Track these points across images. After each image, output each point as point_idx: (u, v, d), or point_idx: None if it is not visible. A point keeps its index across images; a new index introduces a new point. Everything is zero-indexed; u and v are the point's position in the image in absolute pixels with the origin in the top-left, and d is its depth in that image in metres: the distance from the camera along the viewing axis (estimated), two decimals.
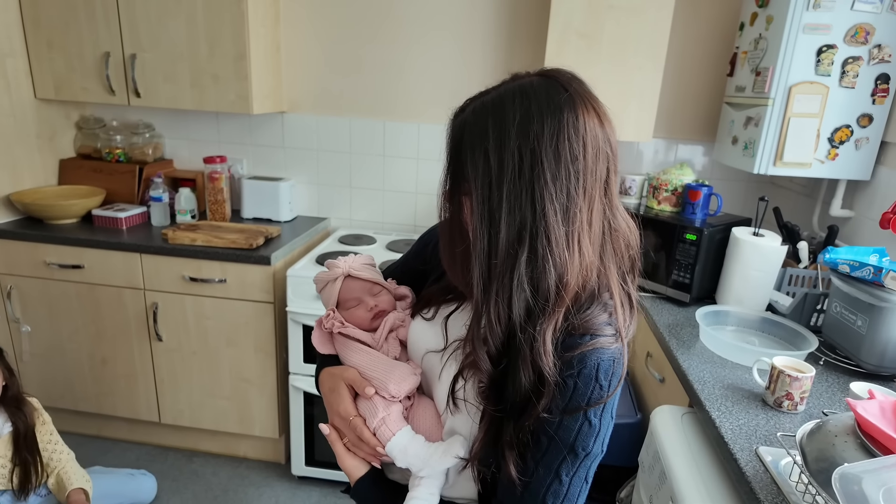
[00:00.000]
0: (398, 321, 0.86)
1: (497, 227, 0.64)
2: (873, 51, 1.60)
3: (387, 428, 0.75)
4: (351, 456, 0.79)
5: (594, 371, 0.66)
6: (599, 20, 1.89)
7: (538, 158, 0.62)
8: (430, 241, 0.93)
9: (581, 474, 0.69)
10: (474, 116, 0.67)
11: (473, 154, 0.65)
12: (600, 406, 0.67)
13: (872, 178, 1.70)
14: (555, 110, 0.63)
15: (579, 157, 0.63)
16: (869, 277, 1.35)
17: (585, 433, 0.67)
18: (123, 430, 2.40)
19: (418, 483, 0.75)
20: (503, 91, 0.66)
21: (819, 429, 0.95)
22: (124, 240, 2.08)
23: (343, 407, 0.78)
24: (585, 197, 0.65)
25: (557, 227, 0.63)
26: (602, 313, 0.69)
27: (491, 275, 0.65)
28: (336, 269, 0.90)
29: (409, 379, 0.78)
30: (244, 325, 2.10)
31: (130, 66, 2.13)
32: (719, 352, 1.45)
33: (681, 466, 1.15)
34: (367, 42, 2.33)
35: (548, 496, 0.68)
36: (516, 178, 0.63)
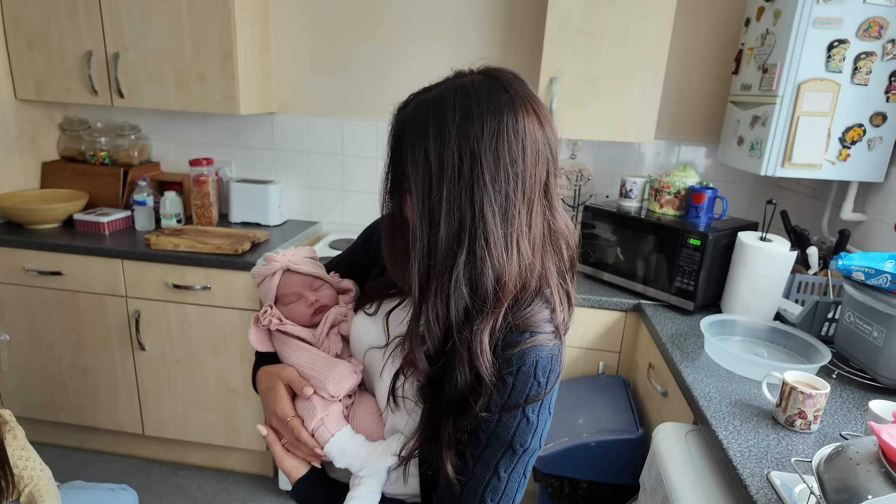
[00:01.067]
0: (340, 316, 0.83)
1: (436, 227, 0.63)
2: (887, 46, 1.52)
3: (325, 429, 0.74)
4: (290, 457, 0.78)
5: (532, 368, 0.66)
6: (600, 16, 1.81)
7: (477, 160, 0.62)
8: (375, 234, 0.90)
9: (519, 470, 0.69)
10: (415, 113, 0.66)
11: (414, 152, 0.64)
12: (538, 403, 0.67)
13: (886, 179, 1.62)
14: (495, 111, 0.62)
15: (518, 160, 0.63)
16: (886, 286, 1.27)
17: (524, 430, 0.67)
18: (106, 442, 2.32)
19: (359, 482, 0.73)
20: (444, 89, 0.66)
21: (838, 454, 0.87)
22: (105, 245, 2.00)
23: (280, 407, 0.76)
24: (524, 199, 0.64)
25: (496, 229, 0.63)
26: (542, 310, 0.69)
27: (430, 274, 0.65)
28: (274, 263, 0.86)
29: (348, 378, 0.76)
30: (230, 334, 2.02)
31: (113, 65, 2.06)
32: (726, 364, 1.36)
33: (686, 491, 1.06)
34: (359, 41, 2.25)
35: (486, 492, 0.69)
36: (455, 178, 0.62)
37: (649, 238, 1.77)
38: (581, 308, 1.78)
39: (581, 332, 1.84)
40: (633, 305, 1.79)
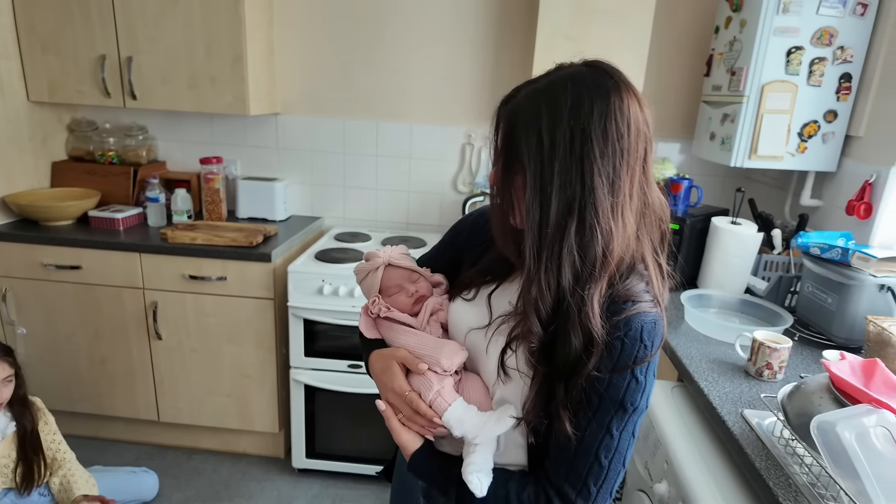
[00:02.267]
0: (437, 305, 0.91)
1: (549, 200, 0.70)
2: (837, 52, 1.73)
3: (442, 399, 0.79)
4: (406, 430, 0.84)
5: (639, 333, 0.72)
6: (586, 23, 1.99)
7: (588, 137, 0.68)
8: (464, 230, 0.99)
9: (629, 428, 0.75)
10: (527, 101, 0.73)
11: (527, 135, 0.71)
12: (645, 364, 0.73)
13: (838, 169, 1.84)
14: (603, 95, 0.69)
15: (624, 136, 0.70)
16: (838, 258, 1.48)
17: (633, 389, 0.73)
18: (121, 430, 2.41)
19: (473, 450, 0.79)
20: (554, 78, 0.72)
21: (798, 389, 1.06)
22: (123, 240, 2.11)
23: (398, 384, 0.82)
24: (628, 172, 0.71)
25: (604, 199, 0.69)
26: (640, 282, 0.76)
27: (542, 244, 0.71)
28: (377, 259, 0.95)
29: (459, 353, 0.83)
30: (245, 322, 2.14)
31: (127, 68, 2.17)
32: (704, 331, 1.56)
33: (674, 433, 1.24)
34: (359, 47, 2.40)
35: (601, 450, 0.73)
36: (567, 154, 0.69)
37: None
38: None
39: None
40: None
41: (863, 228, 1.66)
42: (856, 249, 1.44)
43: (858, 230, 1.67)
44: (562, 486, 0.75)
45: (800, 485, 0.95)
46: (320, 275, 2.03)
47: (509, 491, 0.77)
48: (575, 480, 0.75)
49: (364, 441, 2.20)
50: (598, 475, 0.74)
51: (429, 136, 2.47)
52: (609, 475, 0.75)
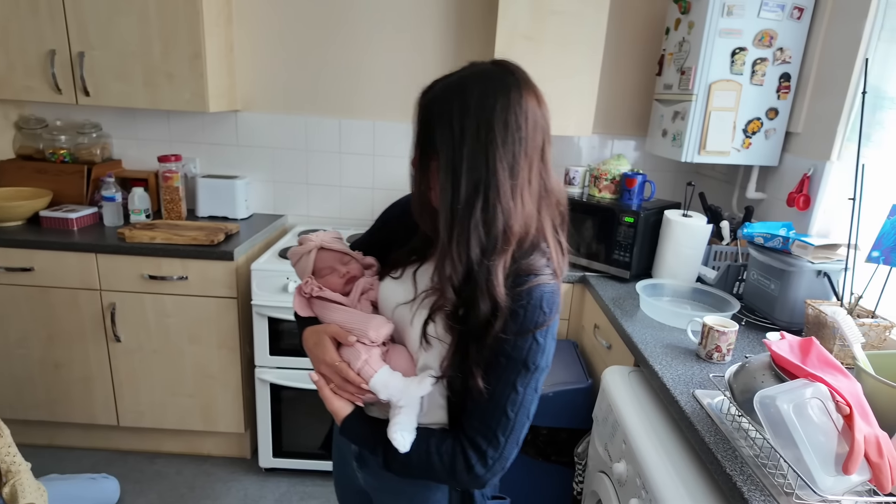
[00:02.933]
0: (368, 285, 0.99)
1: (459, 182, 0.79)
2: (777, 53, 1.84)
3: (369, 367, 0.87)
4: (337, 398, 0.92)
5: (539, 301, 0.82)
6: (543, 24, 2.05)
7: (491, 127, 0.78)
8: (393, 215, 1.07)
9: (532, 385, 0.85)
10: (441, 94, 0.82)
11: (441, 124, 0.80)
12: (545, 328, 0.83)
13: (780, 164, 1.95)
14: (505, 90, 0.79)
15: (522, 127, 0.80)
16: (779, 247, 1.57)
17: (535, 351, 0.83)
18: (78, 436, 2.34)
19: (398, 412, 0.87)
20: (465, 74, 0.82)
21: (743, 368, 1.13)
22: (78, 240, 2.05)
23: (329, 355, 0.90)
24: (526, 159, 0.81)
25: (505, 182, 0.80)
26: (541, 258, 0.86)
27: (453, 220, 0.81)
28: (310, 243, 1.01)
29: (385, 326, 0.91)
30: (207, 322, 2.12)
31: (79, 63, 2.10)
32: (658, 318, 1.63)
33: (631, 414, 1.30)
34: (320, 42, 2.39)
35: (507, 404, 0.83)
36: (474, 142, 0.79)
37: (591, 219, 2.03)
38: None
39: None
40: (578, 278, 2.04)
41: (802, 219, 1.77)
42: (795, 238, 1.54)
43: (798, 220, 1.79)
44: (475, 438, 0.84)
45: (745, 457, 1.02)
46: (284, 272, 2.02)
47: (430, 445, 0.86)
48: (486, 432, 0.84)
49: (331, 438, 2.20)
50: (505, 427, 0.84)
51: (392, 133, 2.49)
52: (515, 426, 0.84)
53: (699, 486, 1.07)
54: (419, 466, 0.87)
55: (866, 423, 0.92)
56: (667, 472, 1.11)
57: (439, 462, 0.85)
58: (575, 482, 1.69)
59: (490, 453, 0.84)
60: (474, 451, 0.84)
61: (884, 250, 1.31)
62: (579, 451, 1.66)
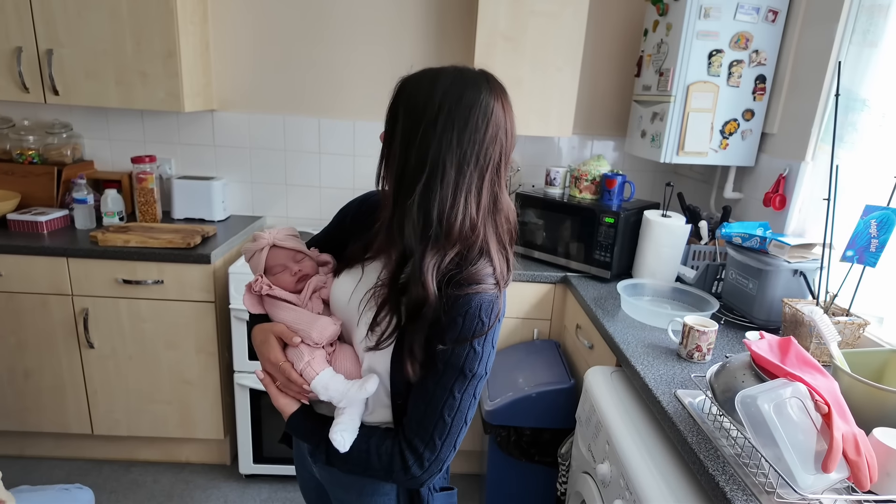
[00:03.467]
0: (320, 283, 0.99)
1: (409, 154, 0.82)
2: (752, 55, 1.87)
3: (311, 369, 0.89)
4: (283, 395, 0.94)
5: (477, 311, 0.83)
6: (523, 24, 2.05)
7: (451, 117, 0.80)
8: (350, 212, 1.08)
9: (470, 391, 0.86)
10: (417, 77, 0.85)
11: (408, 101, 0.83)
12: (483, 337, 0.84)
13: (756, 164, 1.98)
14: (475, 90, 0.82)
15: (480, 130, 0.81)
16: (757, 246, 1.60)
17: (472, 358, 0.84)
18: (49, 446, 2.28)
19: (341, 412, 0.89)
20: (447, 67, 0.86)
21: (723, 368, 1.14)
22: (48, 244, 1.98)
23: (273, 354, 0.92)
24: (476, 165, 0.82)
25: (449, 174, 0.81)
26: (486, 267, 0.87)
27: (399, 190, 0.84)
28: (262, 240, 1.01)
29: (329, 328, 0.92)
30: (184, 326, 2.07)
31: (47, 61, 2.04)
32: (639, 318, 1.64)
33: (614, 415, 1.31)
34: (299, 41, 2.36)
35: (444, 409, 0.85)
36: (431, 123, 0.80)
37: (572, 219, 2.03)
38: (516, 282, 2.02)
39: (517, 303, 2.07)
40: (560, 278, 2.05)
41: (778, 218, 1.81)
42: (772, 238, 1.57)
43: (775, 220, 1.82)
44: (412, 440, 0.87)
45: (727, 456, 1.03)
46: None
47: (370, 445, 0.89)
48: (423, 435, 0.86)
49: None
50: (442, 430, 0.86)
51: (373, 133, 2.47)
52: (451, 430, 0.87)
53: (682, 487, 1.08)
54: (358, 464, 0.90)
55: (844, 422, 0.93)
56: (650, 473, 1.12)
57: (377, 461, 0.88)
58: (559, 483, 1.69)
59: (427, 455, 0.86)
60: (411, 452, 0.87)
61: (857, 249, 1.34)
62: (563, 451, 1.67)
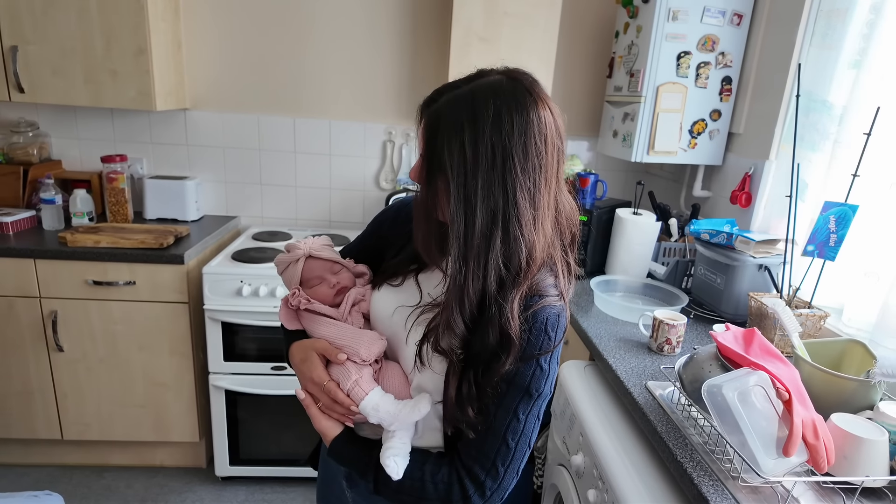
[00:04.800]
0: (359, 296, 0.93)
1: (473, 212, 0.72)
2: (719, 57, 1.92)
3: (360, 389, 0.82)
4: (326, 418, 0.86)
5: (543, 325, 0.78)
6: (497, 25, 2.07)
7: (509, 153, 0.71)
8: (386, 220, 1.01)
9: (534, 412, 0.80)
10: (449, 108, 0.73)
11: (450, 145, 0.72)
12: (549, 353, 0.79)
13: (724, 163, 2.04)
14: (522, 111, 0.71)
15: (542, 153, 0.73)
16: (724, 242, 1.65)
17: (538, 377, 0.78)
18: (17, 453, 2.22)
19: (392, 435, 0.82)
20: (475, 87, 0.73)
21: (691, 359, 1.18)
22: (14, 245, 1.94)
23: (317, 373, 0.84)
24: (546, 185, 0.75)
25: (527, 212, 0.73)
26: (548, 277, 0.81)
27: (468, 253, 0.73)
28: (297, 251, 0.95)
29: (377, 343, 0.85)
30: (157, 328, 2.04)
31: (11, 58, 1.99)
32: (611, 313, 1.68)
33: (587, 407, 1.34)
34: (273, 39, 2.35)
35: (508, 433, 0.78)
36: (489, 168, 0.71)
37: None
38: None
39: None
40: None
41: (745, 215, 1.86)
42: (738, 234, 1.62)
43: (741, 217, 1.87)
44: (472, 467, 0.80)
45: (695, 444, 1.06)
46: (238, 275, 1.98)
47: (424, 473, 0.81)
48: (484, 461, 0.79)
49: (290, 443, 2.16)
50: (505, 456, 0.79)
51: (348, 133, 2.47)
52: (515, 455, 0.80)
53: (652, 475, 1.11)
54: (412, 494, 0.82)
55: (804, 408, 0.97)
56: (622, 463, 1.15)
57: (433, 491, 0.81)
58: (535, 476, 1.72)
59: (489, 484, 0.79)
60: (472, 481, 0.79)
61: (818, 244, 1.39)
62: (539, 445, 1.69)
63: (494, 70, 0.77)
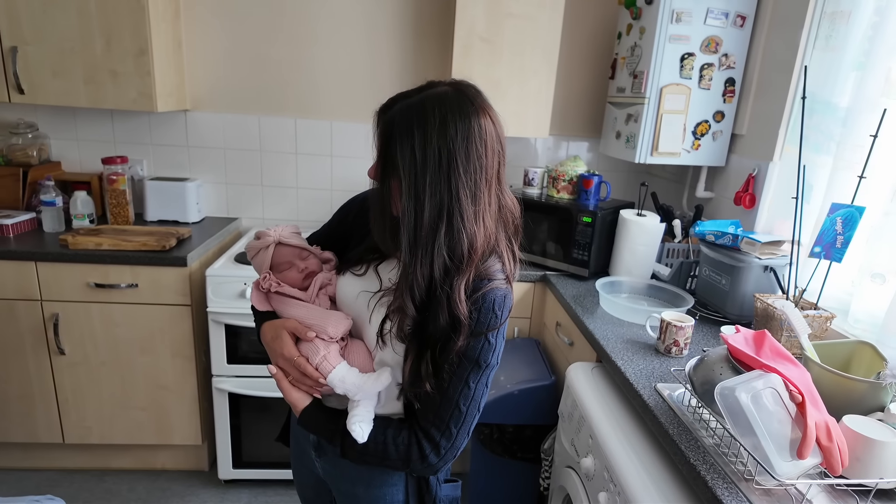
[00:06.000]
0: (326, 280, 1.00)
1: (422, 207, 0.82)
2: (722, 58, 1.93)
3: (328, 363, 0.90)
4: (295, 390, 0.95)
5: (491, 305, 0.87)
6: (500, 26, 2.07)
7: (453, 156, 0.81)
8: (351, 211, 1.09)
9: (483, 381, 0.90)
10: (401, 116, 0.83)
11: (402, 148, 0.81)
12: (496, 330, 0.88)
13: (727, 164, 2.05)
14: (465, 119, 0.82)
15: (482, 156, 0.83)
16: (729, 244, 1.65)
17: (486, 350, 0.88)
18: (17, 457, 2.20)
19: (357, 404, 0.91)
20: (424, 97, 0.83)
21: (702, 362, 1.18)
22: (14, 248, 1.92)
23: (287, 350, 0.93)
24: (486, 184, 0.85)
25: (468, 207, 0.83)
26: (496, 263, 0.91)
27: (416, 244, 0.83)
28: (267, 238, 1.01)
29: (343, 322, 0.94)
30: (159, 330, 2.03)
31: (11, 59, 1.97)
32: (617, 314, 1.68)
33: (596, 409, 1.34)
34: (273, 39, 2.33)
35: (460, 398, 0.88)
36: (436, 170, 0.81)
37: (550, 219, 2.06)
38: None
39: None
40: (539, 277, 2.08)
41: (748, 216, 1.87)
42: (744, 235, 1.62)
43: (745, 218, 1.88)
44: (429, 430, 0.90)
45: (707, 446, 1.07)
46: (242, 277, 1.97)
47: (387, 436, 0.91)
48: (439, 424, 0.89)
49: None
50: (457, 419, 0.89)
51: (349, 134, 2.46)
52: (467, 418, 0.90)
53: (664, 477, 1.11)
54: (375, 455, 0.91)
55: (817, 410, 0.98)
56: (633, 465, 1.15)
57: (395, 452, 0.90)
58: (542, 478, 1.72)
59: (443, 444, 0.90)
60: (428, 441, 0.90)
61: (824, 246, 1.40)
62: (545, 447, 1.69)
63: (443, 82, 0.87)
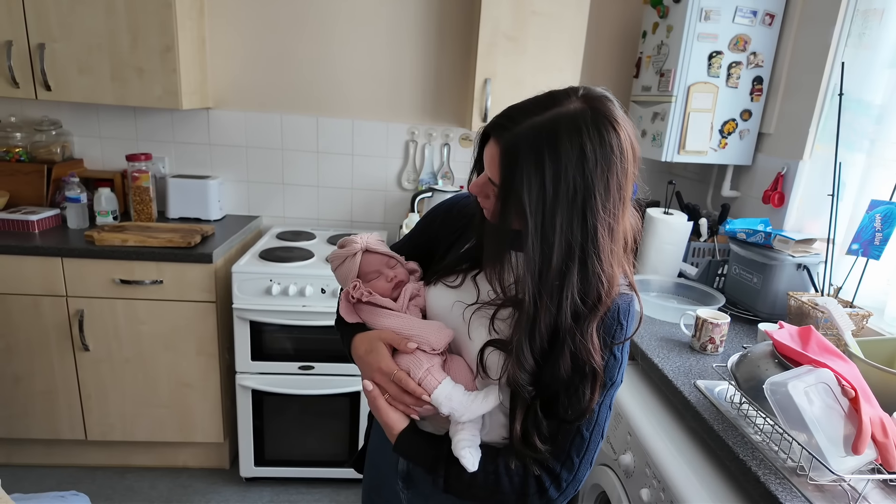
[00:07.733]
0: (416, 290, 0.92)
1: (551, 249, 0.71)
2: (750, 57, 1.92)
3: (432, 377, 0.80)
4: (393, 410, 0.83)
5: (616, 314, 0.78)
6: (525, 24, 2.07)
7: (591, 192, 0.70)
8: (436, 219, 1.00)
9: (607, 402, 0.80)
10: (529, 139, 0.70)
11: (530, 179, 0.69)
12: (622, 343, 0.79)
13: (753, 163, 2.04)
14: (605, 145, 0.69)
15: (623, 187, 0.72)
16: (761, 242, 1.64)
17: (612, 366, 0.78)
18: (39, 454, 2.20)
19: (461, 427, 0.80)
20: (556, 119, 0.70)
21: (744, 358, 1.17)
22: (40, 244, 1.92)
23: (385, 363, 0.82)
24: (624, 214, 0.75)
25: (606, 246, 0.73)
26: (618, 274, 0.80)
27: (542, 289, 0.73)
28: (354, 245, 0.95)
29: (445, 332, 0.84)
30: (183, 327, 2.03)
31: (38, 56, 1.98)
32: (648, 313, 1.67)
33: (633, 407, 1.33)
34: (296, 37, 2.34)
35: (583, 424, 0.78)
36: (569, 206, 0.70)
37: None
38: None
39: None
40: None
41: (777, 215, 1.86)
42: (777, 233, 1.62)
43: (773, 217, 1.87)
44: (546, 459, 0.78)
45: (755, 442, 1.06)
46: (268, 274, 1.96)
47: (498, 466, 0.80)
48: (559, 453, 0.78)
49: (316, 444, 2.15)
50: (580, 447, 0.78)
51: (371, 133, 2.46)
52: (590, 446, 0.79)
53: (708, 472, 1.10)
54: (486, 488, 0.79)
55: (870, 406, 0.97)
56: (675, 461, 1.14)
57: (508, 484, 0.79)
58: None
59: (564, 475, 0.78)
60: (547, 473, 0.78)
61: (862, 243, 1.39)
62: None
63: (569, 92, 0.73)
